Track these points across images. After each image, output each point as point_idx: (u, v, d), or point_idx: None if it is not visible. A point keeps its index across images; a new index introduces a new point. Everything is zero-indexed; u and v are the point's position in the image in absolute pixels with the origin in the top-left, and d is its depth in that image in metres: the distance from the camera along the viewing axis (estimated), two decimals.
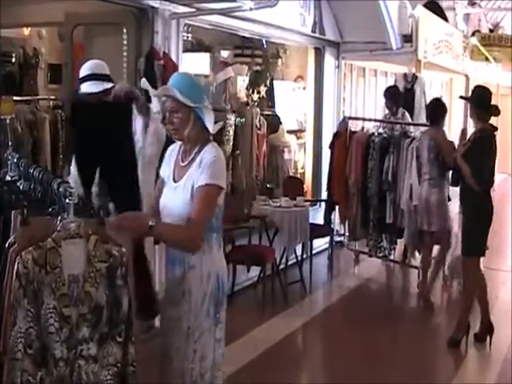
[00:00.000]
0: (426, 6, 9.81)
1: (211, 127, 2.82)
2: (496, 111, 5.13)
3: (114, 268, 2.40)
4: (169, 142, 3.14)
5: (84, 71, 3.90)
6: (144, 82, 3.06)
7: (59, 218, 2.40)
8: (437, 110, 6.32)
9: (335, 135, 7.73)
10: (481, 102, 5.08)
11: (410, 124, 7.51)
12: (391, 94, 7.57)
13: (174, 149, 3.00)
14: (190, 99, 2.77)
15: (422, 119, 8.03)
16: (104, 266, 2.39)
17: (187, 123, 2.80)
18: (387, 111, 7.65)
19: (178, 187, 2.84)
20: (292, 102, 9.01)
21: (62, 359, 2.35)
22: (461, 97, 7.38)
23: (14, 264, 2.31)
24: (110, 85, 3.89)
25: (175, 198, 2.83)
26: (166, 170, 2.99)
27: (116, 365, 2.41)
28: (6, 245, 2.47)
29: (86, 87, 3.85)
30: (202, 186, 2.73)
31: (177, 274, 2.83)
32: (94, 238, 2.39)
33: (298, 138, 8.79)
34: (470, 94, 5.65)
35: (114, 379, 2.40)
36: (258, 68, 8.81)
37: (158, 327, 3.06)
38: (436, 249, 6.61)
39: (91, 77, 3.87)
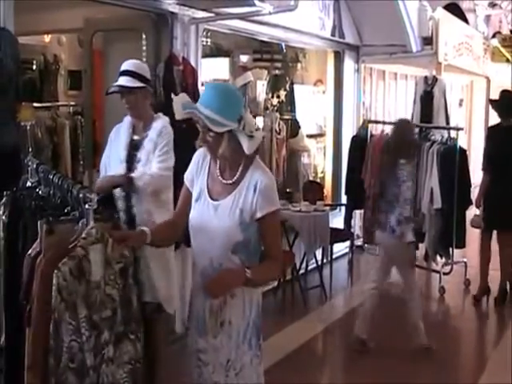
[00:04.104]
0: (446, 8, 9.75)
1: (246, 147, 2.55)
2: None
3: (127, 268, 2.45)
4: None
5: (123, 67, 3.88)
6: (184, 96, 2.68)
7: (80, 223, 2.42)
8: None
9: (353, 138, 7.70)
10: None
11: (430, 127, 7.43)
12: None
13: (204, 157, 2.72)
14: (224, 118, 2.55)
15: (442, 121, 7.98)
16: (119, 266, 2.43)
17: (220, 142, 2.57)
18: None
19: (219, 207, 2.60)
20: (312, 106, 8.97)
21: (91, 367, 2.34)
22: (490, 100, 7.83)
23: (42, 273, 2.32)
24: (138, 84, 3.83)
25: (217, 219, 2.59)
26: (196, 181, 2.71)
27: (130, 362, 2.43)
28: (31, 254, 2.47)
29: (121, 80, 3.83)
30: (269, 215, 2.56)
31: (214, 303, 2.59)
32: (111, 241, 2.42)
33: (317, 142, 8.76)
34: (491, 96, 6.20)
35: (128, 377, 2.41)
36: (278, 72, 8.78)
37: None
38: None
39: (126, 72, 3.86)
